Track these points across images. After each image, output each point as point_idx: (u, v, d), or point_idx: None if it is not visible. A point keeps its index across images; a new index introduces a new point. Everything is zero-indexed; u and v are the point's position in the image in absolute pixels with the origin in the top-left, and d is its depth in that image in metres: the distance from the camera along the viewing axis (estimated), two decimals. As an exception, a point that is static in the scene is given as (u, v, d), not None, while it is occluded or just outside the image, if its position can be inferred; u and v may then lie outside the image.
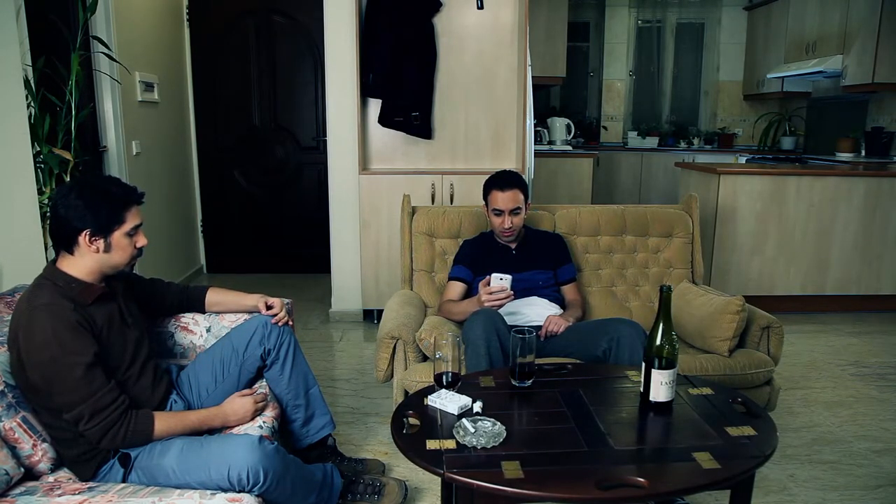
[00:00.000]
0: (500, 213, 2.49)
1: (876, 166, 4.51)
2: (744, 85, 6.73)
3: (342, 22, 3.66)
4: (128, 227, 1.64)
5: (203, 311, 2.09)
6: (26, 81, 2.43)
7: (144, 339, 1.79)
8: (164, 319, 2.07)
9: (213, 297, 2.07)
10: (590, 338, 2.23)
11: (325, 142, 4.18)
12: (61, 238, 1.60)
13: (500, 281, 2.23)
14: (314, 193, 4.98)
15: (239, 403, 1.77)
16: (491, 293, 2.22)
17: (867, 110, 5.43)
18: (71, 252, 1.61)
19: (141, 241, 1.68)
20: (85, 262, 1.62)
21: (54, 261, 1.65)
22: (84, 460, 1.61)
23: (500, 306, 2.24)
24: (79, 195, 1.57)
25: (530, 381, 1.79)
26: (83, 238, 1.58)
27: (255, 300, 2.04)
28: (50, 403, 1.56)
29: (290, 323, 2.05)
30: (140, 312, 1.85)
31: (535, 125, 4.50)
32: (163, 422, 1.63)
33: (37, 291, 1.57)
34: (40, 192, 2.57)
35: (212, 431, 1.73)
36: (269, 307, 2.02)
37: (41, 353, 1.51)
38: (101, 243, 1.60)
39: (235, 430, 1.74)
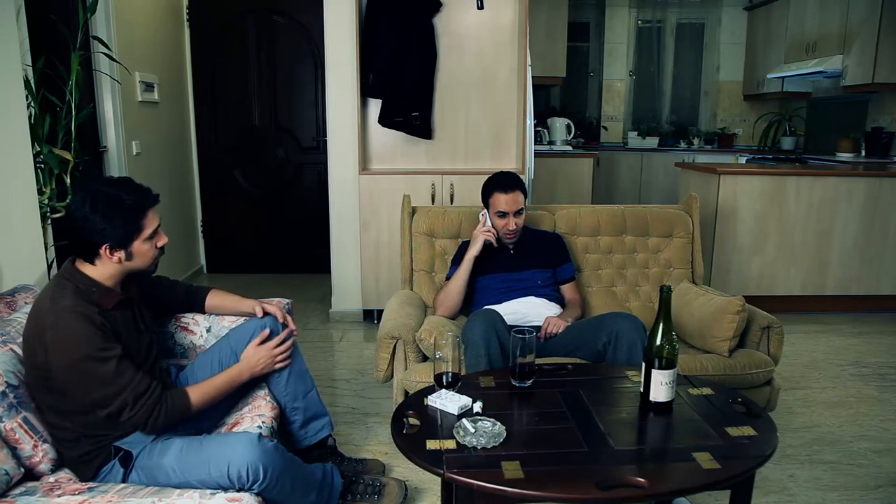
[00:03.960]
0: (504, 214, 2.49)
1: (876, 166, 4.50)
2: (744, 85, 6.73)
3: (342, 22, 3.66)
4: (147, 232, 1.64)
5: (203, 312, 2.09)
6: (26, 81, 2.42)
7: (154, 344, 1.80)
8: (165, 319, 2.07)
9: (213, 300, 2.07)
10: (589, 334, 2.24)
11: (325, 142, 4.17)
12: (82, 251, 1.60)
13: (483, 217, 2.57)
14: (314, 193, 4.98)
15: (253, 353, 1.84)
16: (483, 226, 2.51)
17: (867, 110, 5.43)
18: (93, 263, 1.62)
19: (162, 240, 1.69)
20: (107, 268, 1.62)
21: (73, 260, 1.64)
22: (86, 461, 1.61)
23: (492, 235, 2.49)
24: (93, 209, 1.55)
25: (530, 381, 1.79)
26: (104, 251, 1.59)
27: (252, 305, 2.03)
28: (70, 404, 1.55)
29: (294, 329, 2.03)
30: (149, 316, 1.85)
31: (535, 125, 4.49)
32: (196, 392, 1.68)
33: (60, 292, 1.56)
34: (40, 193, 2.56)
35: (212, 431, 1.74)
36: (266, 314, 2.00)
37: (74, 351, 1.50)
38: (122, 254, 1.61)
39: (235, 430, 1.74)
